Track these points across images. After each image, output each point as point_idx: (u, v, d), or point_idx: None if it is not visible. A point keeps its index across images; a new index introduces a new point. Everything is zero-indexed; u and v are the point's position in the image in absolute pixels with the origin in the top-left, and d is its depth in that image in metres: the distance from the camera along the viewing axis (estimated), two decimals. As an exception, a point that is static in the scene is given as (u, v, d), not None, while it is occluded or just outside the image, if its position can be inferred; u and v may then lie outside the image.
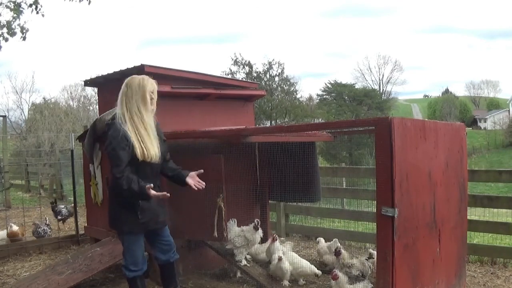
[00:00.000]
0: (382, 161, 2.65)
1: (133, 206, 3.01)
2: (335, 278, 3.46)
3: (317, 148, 4.82)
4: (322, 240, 4.68)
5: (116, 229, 3.16)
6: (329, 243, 4.51)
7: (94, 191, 4.93)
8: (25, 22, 6.33)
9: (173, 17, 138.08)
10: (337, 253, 4.04)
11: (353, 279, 3.66)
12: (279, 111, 38.08)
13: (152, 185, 2.87)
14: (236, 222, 4.11)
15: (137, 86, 3.05)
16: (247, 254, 4.23)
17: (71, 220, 6.56)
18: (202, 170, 3.19)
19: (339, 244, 4.33)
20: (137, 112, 3.00)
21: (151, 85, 3.10)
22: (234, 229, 4.06)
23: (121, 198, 2.99)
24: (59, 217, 6.59)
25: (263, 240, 4.38)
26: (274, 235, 4.34)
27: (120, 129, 2.91)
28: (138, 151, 2.91)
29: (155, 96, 3.11)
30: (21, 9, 6.20)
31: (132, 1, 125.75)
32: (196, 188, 3.16)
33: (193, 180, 3.15)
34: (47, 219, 6.19)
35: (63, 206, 6.75)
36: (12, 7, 6.14)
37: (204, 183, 3.17)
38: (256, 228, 4.03)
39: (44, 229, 5.82)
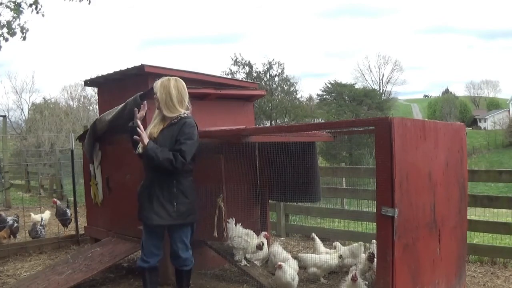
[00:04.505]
0: (382, 161, 2.65)
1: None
2: (355, 279, 3.39)
3: (317, 148, 4.81)
4: (339, 244, 4.48)
5: None
6: (351, 246, 4.27)
7: (94, 191, 4.93)
8: (25, 22, 6.33)
9: (173, 17, 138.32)
10: (371, 258, 3.76)
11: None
12: (279, 111, 38.06)
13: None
14: (234, 220, 4.10)
15: None
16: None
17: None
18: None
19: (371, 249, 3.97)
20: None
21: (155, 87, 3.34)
22: (238, 230, 4.05)
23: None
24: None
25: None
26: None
27: None
28: None
29: (156, 95, 3.30)
30: (21, 9, 6.19)
31: (132, 1, 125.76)
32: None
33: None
34: (42, 218, 6.19)
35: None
36: (12, 7, 6.13)
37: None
38: (260, 248, 4.08)
39: (39, 228, 5.84)
